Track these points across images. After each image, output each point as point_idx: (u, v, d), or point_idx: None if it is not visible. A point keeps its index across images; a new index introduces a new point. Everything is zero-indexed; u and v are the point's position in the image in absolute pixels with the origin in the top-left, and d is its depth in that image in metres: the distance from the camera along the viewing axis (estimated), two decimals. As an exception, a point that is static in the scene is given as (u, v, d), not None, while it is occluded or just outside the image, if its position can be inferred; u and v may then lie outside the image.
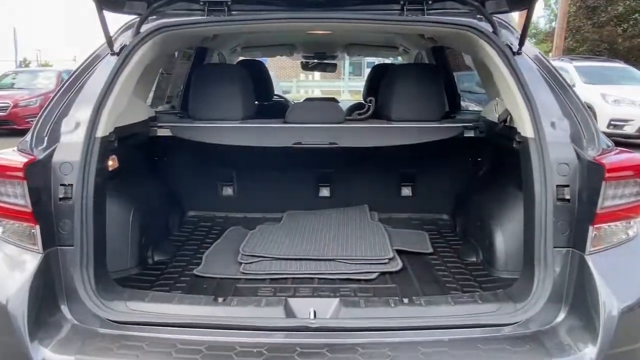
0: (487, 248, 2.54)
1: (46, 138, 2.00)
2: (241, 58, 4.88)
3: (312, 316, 1.84)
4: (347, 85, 20.97)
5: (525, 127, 2.01)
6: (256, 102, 3.19)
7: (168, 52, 3.04)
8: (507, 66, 2.14)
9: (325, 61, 5.41)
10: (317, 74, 22.13)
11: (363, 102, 4.58)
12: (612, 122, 10.09)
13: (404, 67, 2.82)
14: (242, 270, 2.45)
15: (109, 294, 1.93)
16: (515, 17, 2.81)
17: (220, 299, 1.94)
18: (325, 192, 3.22)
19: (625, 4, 22.97)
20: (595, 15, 23.23)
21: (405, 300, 1.93)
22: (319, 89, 20.53)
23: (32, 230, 1.86)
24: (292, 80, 20.13)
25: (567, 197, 1.88)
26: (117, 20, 2.45)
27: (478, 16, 2.29)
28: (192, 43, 3.32)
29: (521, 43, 2.21)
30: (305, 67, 5.66)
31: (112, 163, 2.42)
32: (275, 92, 5.16)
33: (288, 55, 5.19)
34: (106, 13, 2.13)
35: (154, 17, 2.28)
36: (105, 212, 2.06)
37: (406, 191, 3.22)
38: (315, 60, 5.36)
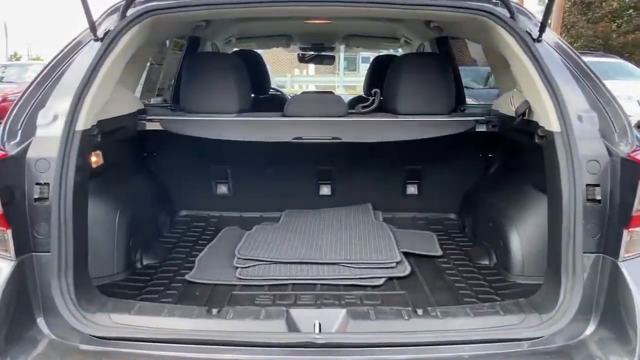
0: (501, 251, 2.37)
1: (20, 132, 1.80)
2: (235, 49, 4.68)
3: (317, 330, 1.66)
4: (342, 81, 20.75)
5: (550, 121, 1.84)
6: (252, 95, 3.00)
7: (157, 40, 2.83)
8: (527, 54, 1.97)
9: (323, 53, 5.20)
10: (311, 69, 21.95)
11: (364, 95, 4.40)
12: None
13: (412, 57, 2.64)
14: (238, 276, 2.27)
15: (91, 305, 1.74)
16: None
17: (214, 311, 1.75)
18: (326, 190, 3.04)
19: (620, 0, 22.91)
20: (590, 11, 23.16)
21: (419, 311, 1.75)
22: (314, 84, 20.30)
23: (4, 235, 1.66)
24: (286, 75, 19.89)
25: (598, 197, 1.71)
26: (103, 4, 2.26)
27: (493, 1, 2.11)
28: (184, 31, 3.11)
29: (542, 29, 2.03)
30: (302, 59, 5.45)
31: (95, 159, 2.22)
32: (272, 86, 4.95)
33: (284, 46, 4.97)
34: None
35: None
36: (86, 213, 1.87)
37: (411, 189, 3.04)
38: (313, 53, 5.15)
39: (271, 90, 4.65)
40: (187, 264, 2.45)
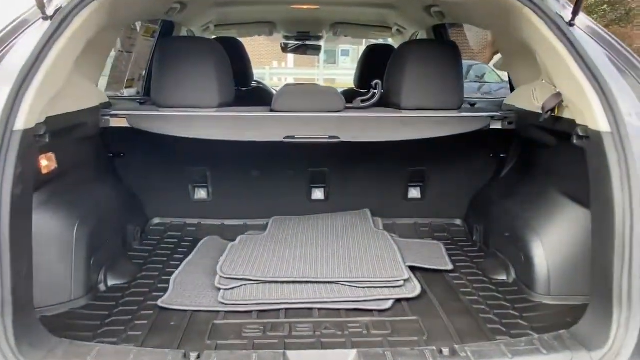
0: (522, 265, 2.08)
1: None
2: (214, 37, 4.28)
3: None
4: (323, 74, 20.35)
5: (596, 119, 1.54)
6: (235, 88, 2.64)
7: (123, 21, 2.45)
8: (562, 41, 1.67)
9: (308, 43, 4.84)
10: (290, 62, 21.49)
11: (356, 89, 4.07)
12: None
13: (419, 45, 2.33)
14: (221, 300, 1.92)
15: (36, 351, 1.38)
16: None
17: (192, 355, 1.41)
18: (319, 194, 2.71)
19: (594, -5, 23.05)
20: (566, 6, 23.26)
21: (445, 351, 1.44)
22: (293, 77, 19.84)
23: None
24: (264, 68, 19.37)
25: None
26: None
27: None
28: (155, 13, 2.73)
29: (575, 12, 1.74)
30: (286, 49, 5.08)
31: (47, 163, 1.84)
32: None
33: (267, 35, 4.60)
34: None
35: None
36: (30, 232, 1.50)
37: (414, 192, 2.73)
38: (298, 42, 4.78)
39: (253, 82, 4.28)
40: (160, 284, 2.09)
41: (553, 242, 2.00)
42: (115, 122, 2.24)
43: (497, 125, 2.34)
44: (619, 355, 1.39)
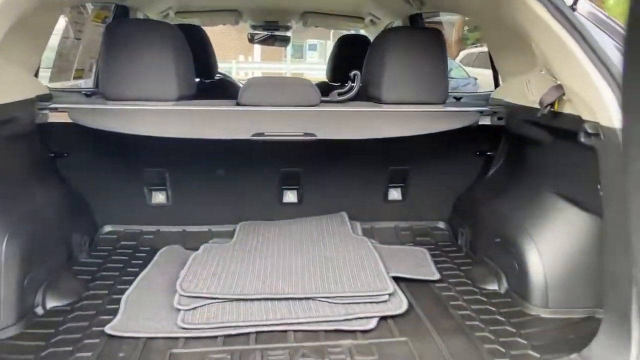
0: (516, 273, 1.90)
1: None
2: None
3: None
4: (290, 68, 20.03)
5: (610, 114, 1.36)
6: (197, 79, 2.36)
7: (59, 1, 2.12)
8: (565, 27, 1.49)
9: (277, 33, 4.57)
10: (257, 55, 21.05)
11: (328, 82, 3.84)
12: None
13: (400, 32, 2.12)
14: (181, 324, 1.66)
15: None
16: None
17: None
18: (291, 196, 2.46)
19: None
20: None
21: None
22: (260, 71, 19.42)
23: None
24: (230, 62, 18.88)
25: None
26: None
27: None
28: None
29: None
30: (253, 40, 4.78)
31: None
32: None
33: (233, 24, 4.30)
34: None
35: None
36: None
37: (394, 194, 2.52)
38: (266, 32, 4.50)
39: (218, 75, 3.98)
40: (110, 304, 1.81)
41: (549, 249, 1.82)
42: (54, 117, 1.93)
43: (485, 121, 2.15)
44: (643, 385, 1.21)
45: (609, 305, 1.36)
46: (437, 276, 2.06)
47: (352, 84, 2.13)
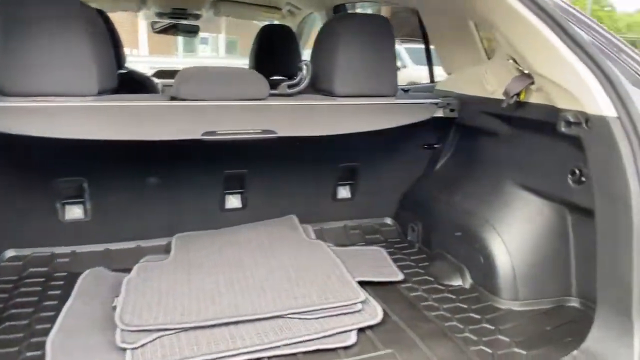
0: (481, 267, 1.86)
1: None
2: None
3: None
4: (183, 62, 19.08)
5: (597, 102, 1.33)
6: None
7: None
8: (538, 15, 1.45)
9: (184, 22, 4.19)
10: (144, 48, 19.71)
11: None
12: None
13: (351, 19, 1.96)
14: None
15: None
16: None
17: None
18: (234, 201, 2.20)
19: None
20: None
21: None
22: (149, 65, 18.17)
23: None
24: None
25: None
26: None
27: None
28: None
29: None
30: (155, 28, 4.34)
31: None
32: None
33: (135, 10, 3.85)
34: None
35: None
36: None
37: (343, 192, 2.38)
38: (172, 21, 4.10)
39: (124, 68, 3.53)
40: (29, 351, 1.45)
41: (515, 241, 1.81)
42: None
43: (439, 113, 2.09)
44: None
45: (606, 299, 1.34)
46: (401, 276, 1.96)
47: (302, 75, 1.94)
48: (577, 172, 1.57)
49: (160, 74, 4.17)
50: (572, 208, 1.71)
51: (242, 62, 4.46)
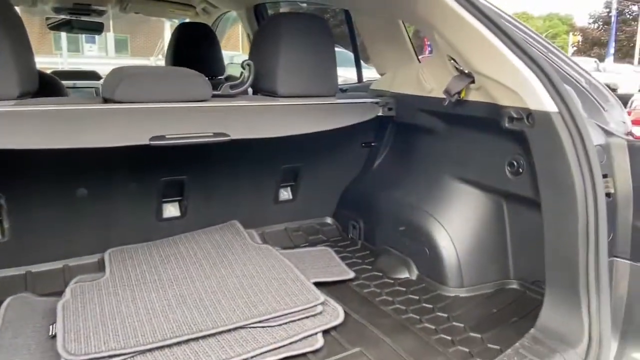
0: (427, 259, 1.94)
1: None
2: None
3: None
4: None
5: (539, 98, 1.43)
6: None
7: None
8: (475, 15, 1.53)
9: (85, 19, 3.84)
10: (64, 48, 18.10)
11: None
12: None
13: (291, 18, 1.90)
14: None
15: None
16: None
17: None
18: (173, 210, 2.07)
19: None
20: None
21: None
22: (67, 66, 16.33)
23: None
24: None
25: (611, 190, 1.41)
26: None
27: None
28: None
29: None
30: (51, 24, 3.94)
31: None
32: None
33: (29, 4, 3.46)
34: None
35: None
36: None
37: (285, 194, 2.34)
38: (71, 17, 3.75)
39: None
40: None
41: (458, 231, 1.91)
42: None
43: (378, 112, 2.14)
44: (601, 347, 1.32)
45: (555, 281, 1.45)
46: (351, 274, 1.98)
47: (244, 75, 1.87)
48: (515, 164, 1.69)
49: (58, 74, 3.80)
50: (508, 197, 1.84)
51: (136, 62, 4.21)
